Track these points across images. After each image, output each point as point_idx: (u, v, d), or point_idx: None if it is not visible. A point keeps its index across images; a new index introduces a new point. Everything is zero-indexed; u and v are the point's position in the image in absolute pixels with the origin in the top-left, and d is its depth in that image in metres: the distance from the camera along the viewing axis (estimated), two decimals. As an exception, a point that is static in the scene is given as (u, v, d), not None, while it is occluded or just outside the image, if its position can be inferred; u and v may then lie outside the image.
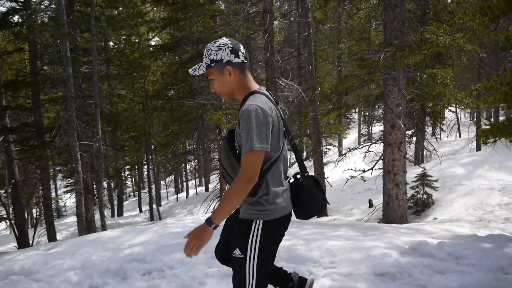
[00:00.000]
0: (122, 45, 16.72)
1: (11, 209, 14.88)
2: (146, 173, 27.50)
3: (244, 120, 2.02)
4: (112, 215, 25.02)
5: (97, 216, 13.11)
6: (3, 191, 15.13)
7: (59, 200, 28.81)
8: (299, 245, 4.79)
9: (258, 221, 2.16)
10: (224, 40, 2.18)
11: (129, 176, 30.53)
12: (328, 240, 4.95)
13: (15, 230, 13.68)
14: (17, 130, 12.38)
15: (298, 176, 2.36)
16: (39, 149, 10.81)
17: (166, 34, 21.19)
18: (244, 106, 2.07)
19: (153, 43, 21.52)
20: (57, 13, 9.54)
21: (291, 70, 13.24)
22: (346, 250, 4.48)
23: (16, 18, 13.12)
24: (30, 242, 13.77)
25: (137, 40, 18.12)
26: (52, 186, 21.94)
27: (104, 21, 9.45)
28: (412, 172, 11.51)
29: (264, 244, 2.17)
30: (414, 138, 11.81)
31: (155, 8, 18.60)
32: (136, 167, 25.34)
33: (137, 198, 26.82)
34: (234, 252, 2.23)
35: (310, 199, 2.30)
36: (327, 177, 11.32)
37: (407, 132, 10.33)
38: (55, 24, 8.21)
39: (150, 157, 19.13)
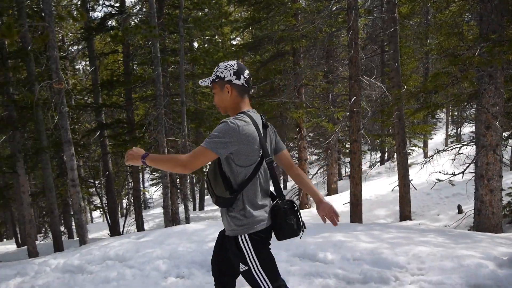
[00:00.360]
0: (206, 45, 17.30)
1: (104, 199, 16.11)
2: (226, 169, 28.23)
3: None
4: (194, 209, 26.03)
5: (181, 208, 13.75)
6: (97, 182, 16.38)
7: (146, 192, 30.55)
8: (384, 248, 4.63)
9: (242, 235, 2.29)
10: (232, 62, 2.45)
11: (210, 171, 31.45)
12: (415, 246, 4.73)
13: (108, 218, 14.77)
14: (111, 126, 13.35)
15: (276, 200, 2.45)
16: (130, 144, 11.55)
17: (247, 34, 21.59)
18: (227, 118, 2.31)
19: (234, 42, 22.04)
20: (148, 16, 10.13)
21: (375, 68, 12.83)
22: (436, 257, 4.24)
23: (111, 22, 14.10)
24: (121, 230, 14.78)
25: (219, 40, 18.67)
26: (140, 179, 23.26)
27: (191, 22, 9.86)
28: (509, 178, 10.64)
29: (260, 252, 2.32)
30: (511, 141, 10.89)
31: (237, 8, 19.04)
32: (217, 163, 26.03)
33: (218, 193, 27.52)
34: (240, 268, 2.37)
35: (284, 222, 2.35)
36: (411, 180, 10.81)
37: (504, 134, 9.53)
38: (148, 26, 8.74)
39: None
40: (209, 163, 2.39)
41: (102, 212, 21.57)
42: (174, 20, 10.30)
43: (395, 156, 12.00)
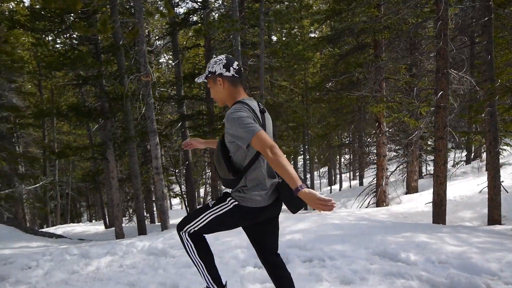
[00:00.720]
0: (285, 38, 17.32)
1: (183, 187, 16.83)
2: (301, 163, 28.12)
3: (229, 123, 2.43)
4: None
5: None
6: (177, 171, 17.13)
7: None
8: (473, 253, 4.35)
9: (232, 201, 2.56)
10: (221, 56, 2.64)
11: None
12: (509, 253, 4.38)
13: (187, 205, 15.42)
14: (192, 117, 13.87)
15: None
16: (210, 135, 11.93)
17: (325, 27, 21.25)
18: (228, 112, 2.47)
19: (312, 35, 21.79)
20: (230, 10, 10.34)
21: (464, 60, 11.98)
22: (534, 266, 3.90)
23: (194, 17, 14.58)
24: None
25: (298, 33, 18.58)
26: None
27: (272, 15, 9.91)
28: None
29: (226, 216, 2.58)
30: None
31: (317, 1, 18.79)
32: (292, 156, 26.12)
33: (292, 187, 27.59)
34: (210, 201, 2.71)
35: (289, 196, 2.49)
36: (503, 181, 10.01)
37: None
38: (230, 20, 8.93)
39: (307, 147, 19.49)
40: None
41: (181, 200, 22.59)
42: (255, 13, 10.41)
43: (483, 155, 11.17)
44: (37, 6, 17.41)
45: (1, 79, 16.78)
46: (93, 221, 34.18)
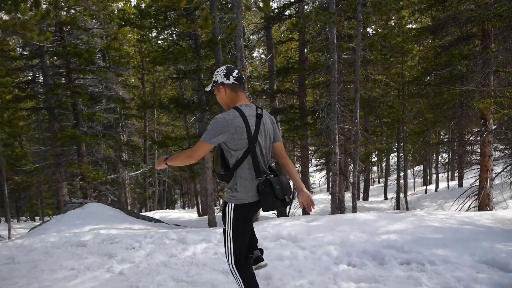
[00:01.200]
0: (381, 30, 16.64)
1: (273, 180, 17.00)
2: (394, 160, 26.95)
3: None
4: (357, 198, 25.65)
5: (346, 196, 13.68)
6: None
7: (310, 177, 31.29)
8: None
9: (231, 204, 2.97)
10: (222, 67, 3.06)
11: (376, 161, 30.62)
12: None
13: (276, 199, 15.56)
14: (284, 111, 13.93)
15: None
16: (302, 129, 11.90)
17: (425, 17, 20.00)
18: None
19: (409, 26, 20.63)
20: (326, 2, 10.17)
21: None
22: None
23: (288, 11, 14.57)
24: (287, 211, 15.41)
25: (395, 24, 17.72)
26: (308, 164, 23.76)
27: (371, 6, 9.55)
28: None
29: (236, 222, 2.97)
30: None
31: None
32: (384, 153, 25.16)
33: (383, 185, 26.68)
34: (223, 227, 3.09)
35: (262, 199, 2.89)
36: None
37: None
38: (327, 13, 8.78)
39: (402, 144, 18.61)
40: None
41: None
42: (352, 5, 10.12)
43: None
44: (142, 5, 18.66)
45: (110, 73, 18.25)
46: (186, 208, 36.04)
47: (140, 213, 15.24)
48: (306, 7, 13.04)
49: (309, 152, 20.36)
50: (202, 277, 4.66)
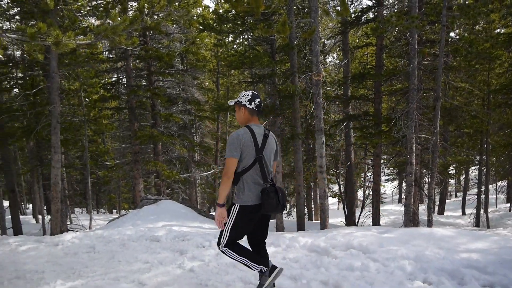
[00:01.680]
0: (467, 35, 15.66)
1: (342, 187, 16.67)
2: (474, 173, 25.28)
3: (228, 139, 3.52)
4: (432, 212, 24.34)
5: (420, 209, 13.04)
6: (337, 171, 17.03)
7: (382, 187, 30.27)
8: None
9: (236, 204, 3.57)
10: (249, 92, 3.69)
11: (455, 174, 28.88)
12: None
13: (345, 206, 15.23)
14: (358, 117, 13.59)
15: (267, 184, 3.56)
16: (376, 137, 11.53)
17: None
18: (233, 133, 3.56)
19: (497, 31, 19.19)
20: (408, 6, 9.78)
21: None
22: None
23: (365, 16, 14.21)
24: (356, 221, 15.03)
25: (482, 29, 16.58)
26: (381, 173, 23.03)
27: (457, 10, 9.03)
28: None
29: (237, 220, 3.57)
30: None
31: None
32: (464, 165, 23.67)
33: (461, 199, 25.11)
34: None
35: (266, 200, 3.47)
36: None
37: None
38: (409, 17, 8.44)
39: (484, 157, 17.39)
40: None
41: (339, 200, 22.46)
42: (437, 8, 9.62)
43: None
44: (220, 11, 19.19)
45: (187, 76, 18.95)
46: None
47: (210, 213, 15.64)
48: (385, 11, 12.66)
49: (382, 161, 19.71)
50: (270, 281, 4.65)
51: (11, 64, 15.63)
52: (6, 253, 6.78)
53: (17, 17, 16.11)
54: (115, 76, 20.74)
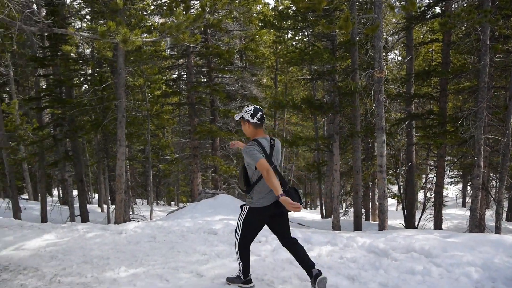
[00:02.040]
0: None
1: (401, 189, 16.12)
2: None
3: (245, 154, 3.90)
4: (501, 217, 22.92)
5: (486, 214, 12.32)
6: (397, 171, 16.47)
7: (445, 189, 28.93)
8: None
9: (246, 206, 4.09)
10: (250, 107, 4.07)
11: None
12: None
13: (404, 208, 14.72)
14: (421, 116, 13.06)
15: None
16: (440, 137, 11.02)
17: None
18: (245, 147, 3.98)
19: None
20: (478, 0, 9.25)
21: None
22: None
23: (431, 10, 13.59)
24: (416, 223, 14.48)
25: None
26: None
27: (535, 3, 8.41)
28: None
29: (247, 218, 4.09)
30: None
31: None
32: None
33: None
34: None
35: (288, 195, 3.67)
36: None
37: None
38: (481, 11, 7.96)
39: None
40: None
41: (398, 202, 21.76)
42: (512, 2, 9.02)
43: None
44: (280, 7, 19.18)
45: (246, 72, 19.14)
46: (308, 208, 36.18)
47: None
48: (454, 5, 12.05)
49: (445, 162, 18.82)
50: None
51: (82, 61, 16.56)
52: (75, 239, 7.19)
53: (87, 16, 17.06)
54: (177, 72, 21.39)
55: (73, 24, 16.80)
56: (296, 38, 20.65)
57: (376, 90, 8.42)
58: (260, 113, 4.03)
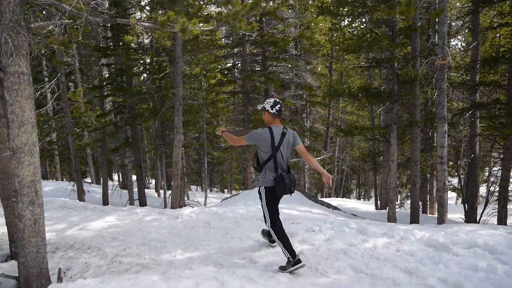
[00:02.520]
0: None
1: (463, 181, 15.37)
2: None
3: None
4: None
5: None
6: (459, 163, 15.73)
7: (510, 183, 27.29)
8: None
9: (262, 187, 4.70)
10: (272, 99, 4.74)
11: None
12: None
13: (465, 201, 14.05)
14: (486, 106, 12.34)
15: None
16: (508, 128, 10.34)
17: None
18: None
19: None
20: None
21: None
22: None
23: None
24: (477, 218, 13.79)
25: None
26: None
27: None
28: None
29: (267, 197, 4.68)
30: None
31: None
32: None
33: None
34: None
35: (277, 184, 4.56)
36: None
37: None
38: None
39: None
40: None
41: (458, 195, 20.81)
42: None
43: None
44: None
45: (301, 61, 18.95)
46: (361, 199, 35.53)
47: (319, 199, 15.60)
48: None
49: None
50: (383, 272, 4.51)
51: (141, 51, 17.12)
52: (135, 221, 7.52)
53: (147, 7, 17.57)
54: (232, 61, 21.59)
55: (134, 15, 17.37)
56: (353, 25, 20.11)
57: (438, 78, 8.04)
58: (279, 105, 4.68)
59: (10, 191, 5.19)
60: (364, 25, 17.37)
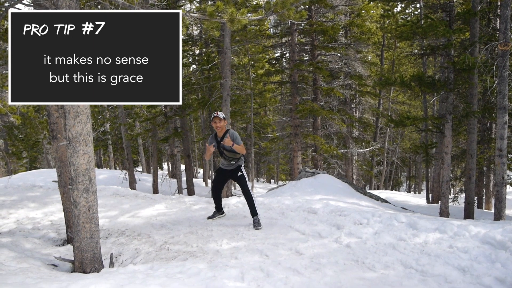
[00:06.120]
0: None
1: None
2: None
3: (236, 137, 6.25)
4: None
5: None
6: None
7: None
8: None
9: (243, 167, 6.43)
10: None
11: None
12: None
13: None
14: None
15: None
16: None
17: None
18: (231, 131, 6.33)
19: None
20: None
21: None
22: None
23: None
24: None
25: None
26: None
27: None
28: None
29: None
30: None
31: None
32: None
33: None
34: (243, 180, 6.37)
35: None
36: None
37: None
38: None
39: None
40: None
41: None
42: None
43: None
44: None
45: (351, 49, 18.50)
46: (412, 192, 34.45)
47: (368, 191, 15.26)
48: None
49: None
50: (434, 268, 4.31)
51: (191, 42, 17.35)
52: (183, 210, 7.67)
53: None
54: (280, 51, 21.44)
55: (183, 7, 17.62)
56: (407, 11, 19.34)
57: (499, 65, 7.54)
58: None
59: (66, 178, 5.43)
60: (419, 10, 16.65)
